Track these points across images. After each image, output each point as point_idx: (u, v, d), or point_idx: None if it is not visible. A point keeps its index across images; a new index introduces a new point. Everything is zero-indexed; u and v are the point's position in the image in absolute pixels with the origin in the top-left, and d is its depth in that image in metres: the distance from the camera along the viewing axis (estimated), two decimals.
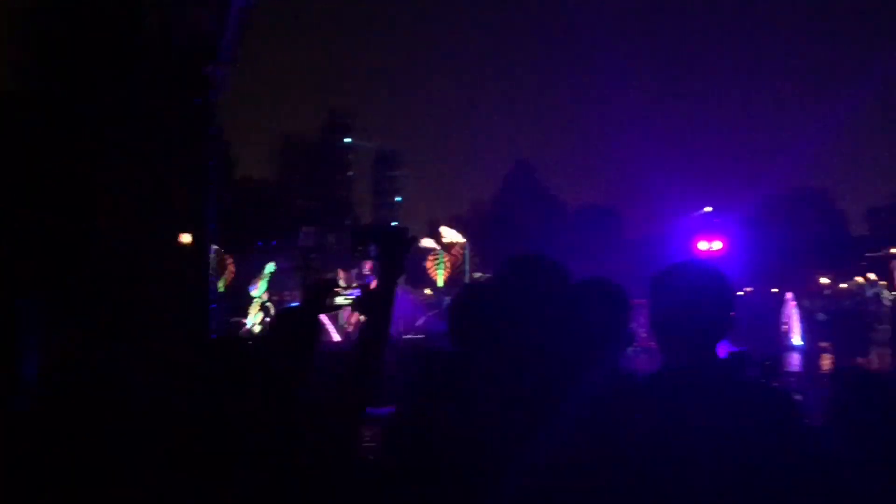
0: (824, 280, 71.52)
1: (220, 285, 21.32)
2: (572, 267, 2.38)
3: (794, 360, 29.80)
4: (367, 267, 26.76)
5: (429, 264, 28.03)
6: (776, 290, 48.78)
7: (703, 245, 36.82)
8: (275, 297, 23.42)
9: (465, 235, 48.83)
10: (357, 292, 2.36)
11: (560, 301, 2.11)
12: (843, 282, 76.76)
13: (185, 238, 6.19)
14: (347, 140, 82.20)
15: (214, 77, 6.41)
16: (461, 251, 29.11)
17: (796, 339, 34.72)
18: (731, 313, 2.10)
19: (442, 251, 27.59)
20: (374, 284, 2.35)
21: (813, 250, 66.08)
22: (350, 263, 25.04)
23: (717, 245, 35.69)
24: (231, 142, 50.17)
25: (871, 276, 45.58)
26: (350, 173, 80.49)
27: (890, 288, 41.91)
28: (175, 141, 6.14)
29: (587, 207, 63.83)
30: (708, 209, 47.25)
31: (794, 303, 37.45)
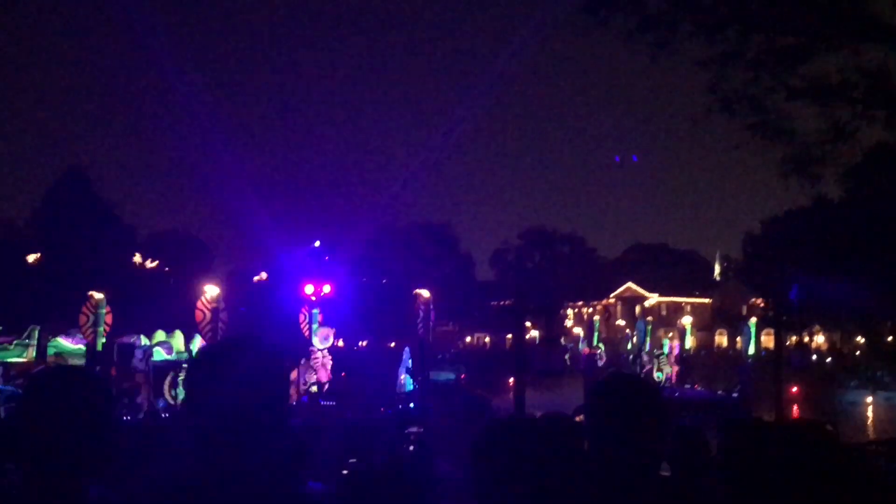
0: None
1: None
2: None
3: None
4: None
5: None
6: (393, 343, 51.39)
7: (309, 289, 36.12)
8: None
9: None
10: None
11: None
12: (469, 335, 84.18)
13: None
14: None
15: None
16: None
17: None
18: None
19: None
20: None
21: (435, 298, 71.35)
22: None
23: (326, 289, 36.81)
24: None
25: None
26: None
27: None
28: None
29: (165, 233, 62.99)
30: (317, 243, 48.77)
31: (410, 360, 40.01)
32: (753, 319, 51.08)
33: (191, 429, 2.05)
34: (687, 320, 54.97)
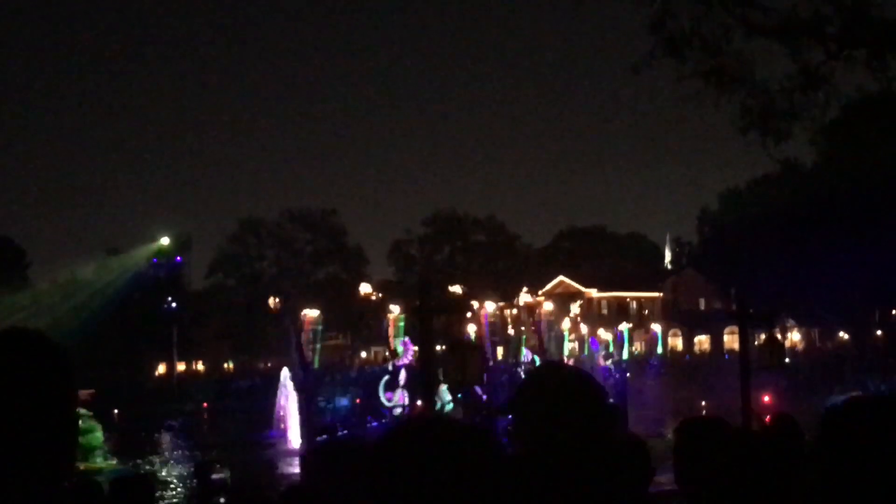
0: None
1: None
2: None
3: None
4: None
5: None
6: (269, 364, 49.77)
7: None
8: None
9: None
10: None
11: None
12: (365, 349, 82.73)
13: None
14: None
15: None
16: None
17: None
18: None
19: None
20: None
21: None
22: None
23: None
24: None
25: None
26: None
27: None
28: None
29: None
30: (164, 241, 47.83)
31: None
32: (624, 325, 56.39)
33: None
34: (566, 325, 51.89)
